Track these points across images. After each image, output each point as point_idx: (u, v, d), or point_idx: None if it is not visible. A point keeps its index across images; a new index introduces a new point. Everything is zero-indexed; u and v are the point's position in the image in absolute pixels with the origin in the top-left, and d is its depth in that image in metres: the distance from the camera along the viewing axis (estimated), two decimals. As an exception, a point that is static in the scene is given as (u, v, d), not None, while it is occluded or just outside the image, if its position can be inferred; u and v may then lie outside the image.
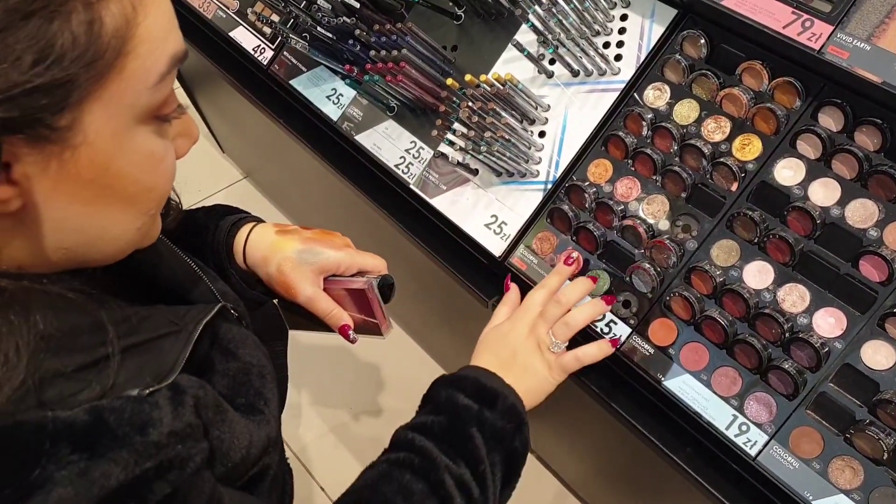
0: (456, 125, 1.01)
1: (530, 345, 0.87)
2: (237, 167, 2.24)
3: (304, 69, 1.24)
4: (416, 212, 1.13)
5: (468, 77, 0.94)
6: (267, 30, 1.31)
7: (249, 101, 1.37)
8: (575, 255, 0.92)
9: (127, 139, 0.51)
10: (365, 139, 1.16)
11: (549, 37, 0.91)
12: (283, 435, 1.72)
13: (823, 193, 0.82)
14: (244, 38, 1.33)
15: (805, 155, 0.84)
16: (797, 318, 0.82)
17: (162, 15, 0.51)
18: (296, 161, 1.46)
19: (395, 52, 1.01)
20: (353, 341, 0.86)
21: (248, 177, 2.22)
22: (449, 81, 0.96)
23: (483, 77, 0.94)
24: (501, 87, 0.93)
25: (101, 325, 0.52)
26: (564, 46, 0.92)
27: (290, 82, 1.25)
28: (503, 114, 0.95)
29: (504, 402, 0.79)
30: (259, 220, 0.91)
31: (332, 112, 1.20)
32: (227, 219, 0.89)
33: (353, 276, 0.87)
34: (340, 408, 1.76)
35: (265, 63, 1.30)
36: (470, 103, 0.95)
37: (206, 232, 0.87)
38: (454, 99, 0.98)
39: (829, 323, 0.80)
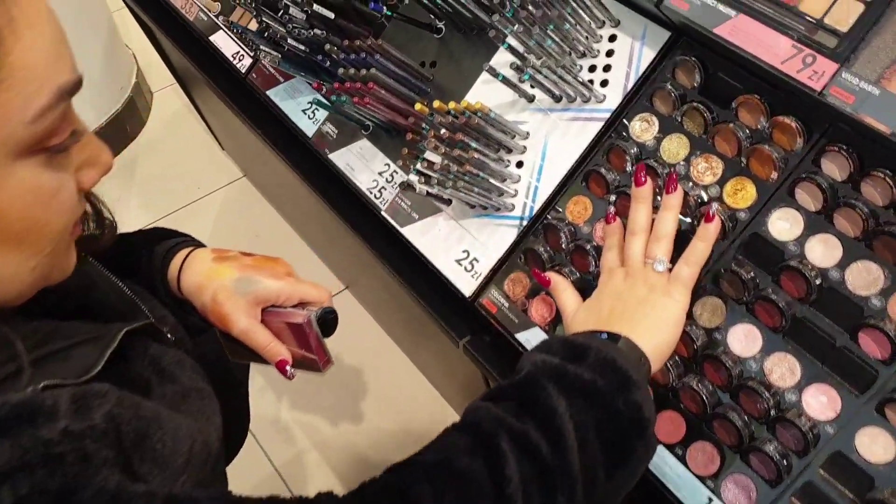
0: (427, 153, 0.93)
1: (636, 286, 0.73)
2: (237, 165, 2.18)
3: (281, 80, 1.17)
4: (391, 236, 1.05)
5: (437, 104, 0.85)
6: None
7: (230, 108, 1.30)
8: (612, 211, 0.81)
9: (4, 176, 0.46)
10: (339, 158, 1.09)
11: (524, 63, 0.82)
12: (266, 448, 1.66)
13: (822, 252, 0.72)
14: (224, 43, 1.26)
15: (804, 206, 0.74)
16: (785, 393, 0.72)
17: (43, 43, 0.46)
18: (277, 171, 1.40)
19: (363, 72, 0.92)
20: (290, 377, 0.79)
21: (247, 175, 2.16)
22: (418, 106, 0.87)
23: (452, 104, 0.85)
24: (472, 116, 0.85)
25: (6, 340, 0.49)
26: (541, 73, 0.82)
27: (267, 93, 1.18)
28: (473, 144, 0.86)
29: (597, 355, 0.65)
30: (198, 245, 0.85)
31: (307, 127, 1.13)
32: (163, 243, 0.83)
33: (294, 306, 0.80)
34: (325, 423, 1.70)
35: (244, 70, 1.22)
36: (442, 131, 0.86)
37: (139, 257, 0.82)
38: (423, 125, 0.90)
39: (820, 402, 0.71)
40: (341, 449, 1.65)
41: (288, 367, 0.79)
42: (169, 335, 0.69)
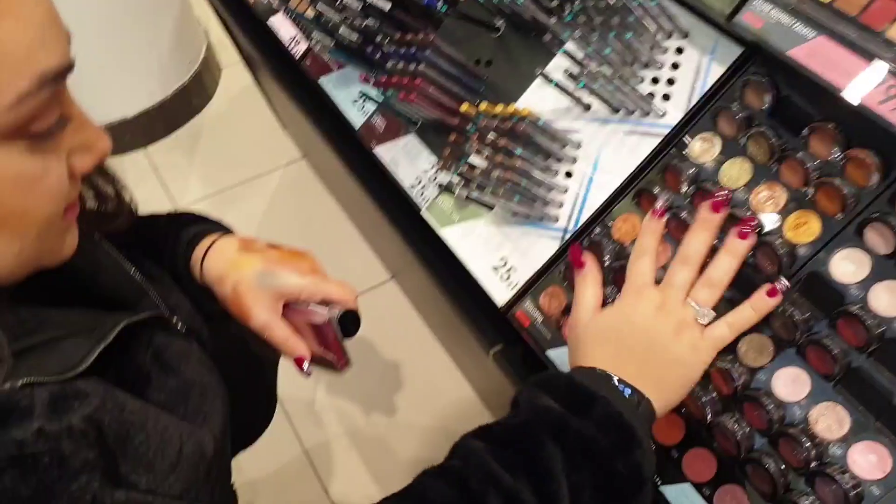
0: (472, 156, 0.90)
1: (666, 326, 0.66)
2: (297, 146, 2.19)
3: (334, 68, 1.15)
4: (430, 235, 1.03)
5: (483, 105, 0.82)
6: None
7: (285, 92, 1.30)
8: (660, 204, 0.71)
9: None
10: (384, 152, 1.06)
11: (578, 71, 0.78)
12: (298, 430, 1.67)
13: (888, 300, 0.67)
14: (282, 26, 1.25)
15: (873, 249, 0.68)
16: (829, 446, 0.67)
17: (26, 28, 0.45)
18: (328, 158, 1.39)
19: (412, 67, 0.90)
20: (307, 374, 0.78)
21: (306, 157, 2.17)
22: (464, 107, 0.84)
23: (500, 108, 0.82)
24: (520, 122, 0.81)
25: None
26: (596, 82, 0.78)
27: (320, 80, 1.16)
28: (518, 151, 0.82)
29: (603, 408, 0.61)
30: (226, 232, 0.84)
31: (356, 118, 1.11)
32: (189, 228, 0.82)
33: (319, 303, 0.79)
34: (359, 412, 1.70)
35: (298, 56, 1.21)
36: (488, 135, 0.83)
37: (165, 241, 0.81)
38: (468, 126, 0.87)
39: (868, 461, 0.65)
40: (372, 439, 1.64)
41: (305, 364, 0.77)
42: (179, 325, 0.68)
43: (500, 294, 0.90)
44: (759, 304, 0.68)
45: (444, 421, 1.65)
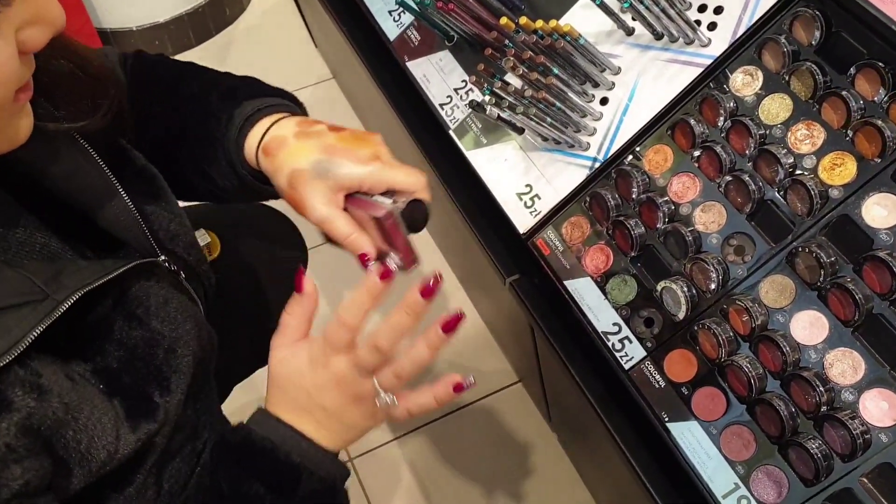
0: (508, 74, 0.87)
1: (343, 398, 0.64)
2: (327, 65, 2.16)
3: (371, -25, 1.12)
4: (456, 157, 1.01)
5: (523, 20, 0.80)
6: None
7: (321, 3, 1.27)
8: (394, 266, 0.63)
9: None
10: (416, 67, 1.04)
11: (625, -12, 0.75)
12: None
13: (919, 248, 0.65)
14: (322, -70, 1.21)
15: (909, 194, 0.66)
16: (842, 391, 0.66)
17: None
18: (358, 73, 1.36)
19: (453, -24, 0.87)
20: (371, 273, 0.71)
21: (335, 77, 2.14)
22: (503, 21, 0.82)
23: (540, 23, 0.79)
24: (559, 39, 0.79)
25: None
26: (643, 2, 0.75)
27: (357, -12, 1.14)
28: (555, 70, 0.80)
29: (307, 482, 0.62)
30: (287, 110, 0.75)
31: (391, 30, 1.08)
32: (244, 106, 0.73)
33: (383, 193, 0.70)
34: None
35: (336, -38, 1.18)
36: (524, 51, 0.80)
37: (217, 123, 0.73)
38: (506, 42, 0.84)
39: (880, 408, 0.65)
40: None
41: (369, 262, 0.69)
42: (167, 264, 0.65)
43: (523, 221, 0.89)
44: (443, 396, 0.64)
45: (452, 354, 1.65)
